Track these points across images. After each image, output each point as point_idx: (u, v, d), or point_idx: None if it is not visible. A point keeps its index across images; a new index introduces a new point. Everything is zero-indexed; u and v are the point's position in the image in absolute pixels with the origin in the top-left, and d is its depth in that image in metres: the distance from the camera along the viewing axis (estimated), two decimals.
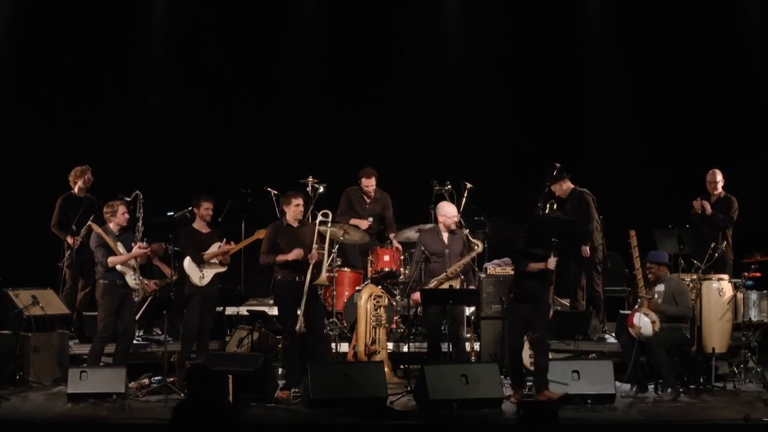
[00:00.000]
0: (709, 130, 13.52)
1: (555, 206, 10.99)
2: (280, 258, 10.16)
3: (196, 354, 10.37)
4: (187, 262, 10.49)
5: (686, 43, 13.66)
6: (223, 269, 10.57)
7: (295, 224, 10.35)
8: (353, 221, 11.76)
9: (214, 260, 10.47)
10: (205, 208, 10.59)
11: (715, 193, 11.71)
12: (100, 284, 10.27)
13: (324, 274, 10.33)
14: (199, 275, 10.44)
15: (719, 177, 11.72)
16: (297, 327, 10.04)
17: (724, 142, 13.36)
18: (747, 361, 10.42)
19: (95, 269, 10.41)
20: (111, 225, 10.32)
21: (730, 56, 13.71)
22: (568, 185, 11.78)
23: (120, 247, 10.24)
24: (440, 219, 10.77)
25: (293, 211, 10.33)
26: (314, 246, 10.21)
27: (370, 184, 11.95)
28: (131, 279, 10.26)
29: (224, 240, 10.55)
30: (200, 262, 10.43)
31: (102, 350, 10.29)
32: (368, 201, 12.00)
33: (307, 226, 10.46)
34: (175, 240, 10.76)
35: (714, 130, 13.53)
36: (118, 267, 10.19)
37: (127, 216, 10.43)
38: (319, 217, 10.54)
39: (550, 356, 10.64)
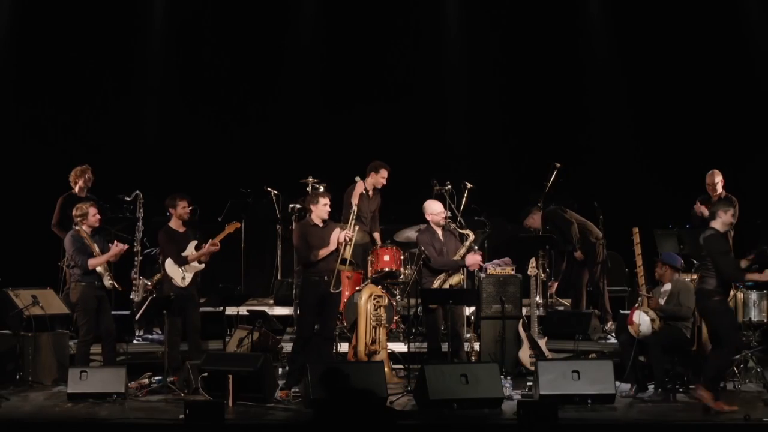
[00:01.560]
0: (710, 130, 13.53)
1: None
2: (323, 252, 10.15)
3: (190, 354, 10.37)
4: (169, 263, 10.49)
5: (687, 41, 13.68)
6: (201, 267, 10.58)
7: (320, 224, 10.34)
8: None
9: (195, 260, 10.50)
10: (182, 207, 10.57)
11: (715, 194, 11.66)
12: (77, 287, 10.24)
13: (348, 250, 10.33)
14: (181, 276, 10.45)
15: (718, 178, 11.66)
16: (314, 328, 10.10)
17: (724, 141, 13.38)
18: (747, 361, 10.42)
19: (71, 272, 10.39)
20: (84, 227, 10.30)
21: (731, 55, 13.72)
22: (537, 215, 11.93)
23: (96, 249, 10.26)
24: (428, 218, 10.81)
25: (320, 210, 10.27)
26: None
27: (386, 176, 11.93)
28: (107, 280, 10.29)
29: (209, 242, 10.53)
30: (183, 263, 10.43)
31: (88, 353, 10.30)
32: (371, 196, 11.95)
33: (330, 225, 10.43)
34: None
35: (715, 129, 13.54)
36: (98, 268, 10.21)
37: (98, 217, 10.41)
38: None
39: (551, 356, 10.68)
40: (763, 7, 13.72)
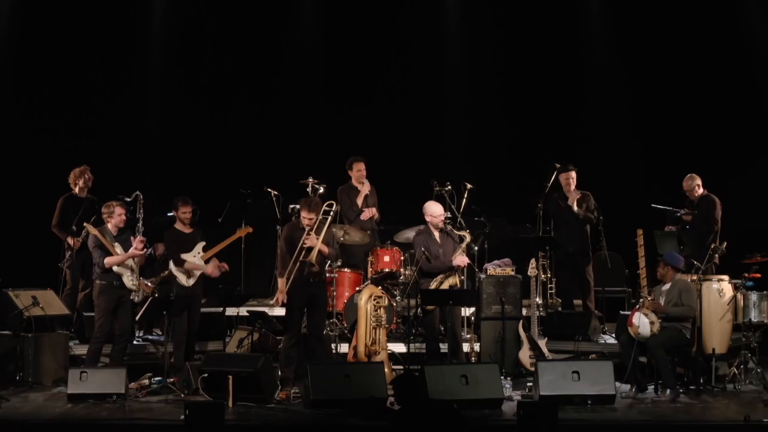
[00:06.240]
0: (710, 131, 13.53)
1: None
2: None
3: (187, 354, 10.39)
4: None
5: (687, 42, 13.67)
6: (206, 268, 10.60)
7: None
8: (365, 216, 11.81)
9: (200, 261, 10.50)
10: (182, 212, 10.68)
11: (696, 196, 11.72)
12: (96, 285, 10.33)
13: (312, 255, 10.19)
14: (186, 276, 10.47)
15: (686, 184, 11.74)
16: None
17: (724, 142, 13.38)
18: (747, 362, 10.43)
19: (93, 269, 10.45)
20: (109, 226, 10.38)
21: (731, 56, 13.72)
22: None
23: (118, 248, 10.29)
24: (428, 219, 10.82)
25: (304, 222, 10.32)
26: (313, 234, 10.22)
27: (362, 168, 11.90)
28: (128, 280, 10.30)
29: (217, 262, 10.61)
30: (179, 264, 10.44)
31: (100, 351, 10.34)
32: (361, 190, 11.92)
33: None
34: None
35: (715, 130, 13.54)
36: (115, 268, 10.23)
37: (124, 217, 10.47)
38: (324, 207, 10.56)
39: (551, 357, 10.68)
40: (764, 8, 13.72)
